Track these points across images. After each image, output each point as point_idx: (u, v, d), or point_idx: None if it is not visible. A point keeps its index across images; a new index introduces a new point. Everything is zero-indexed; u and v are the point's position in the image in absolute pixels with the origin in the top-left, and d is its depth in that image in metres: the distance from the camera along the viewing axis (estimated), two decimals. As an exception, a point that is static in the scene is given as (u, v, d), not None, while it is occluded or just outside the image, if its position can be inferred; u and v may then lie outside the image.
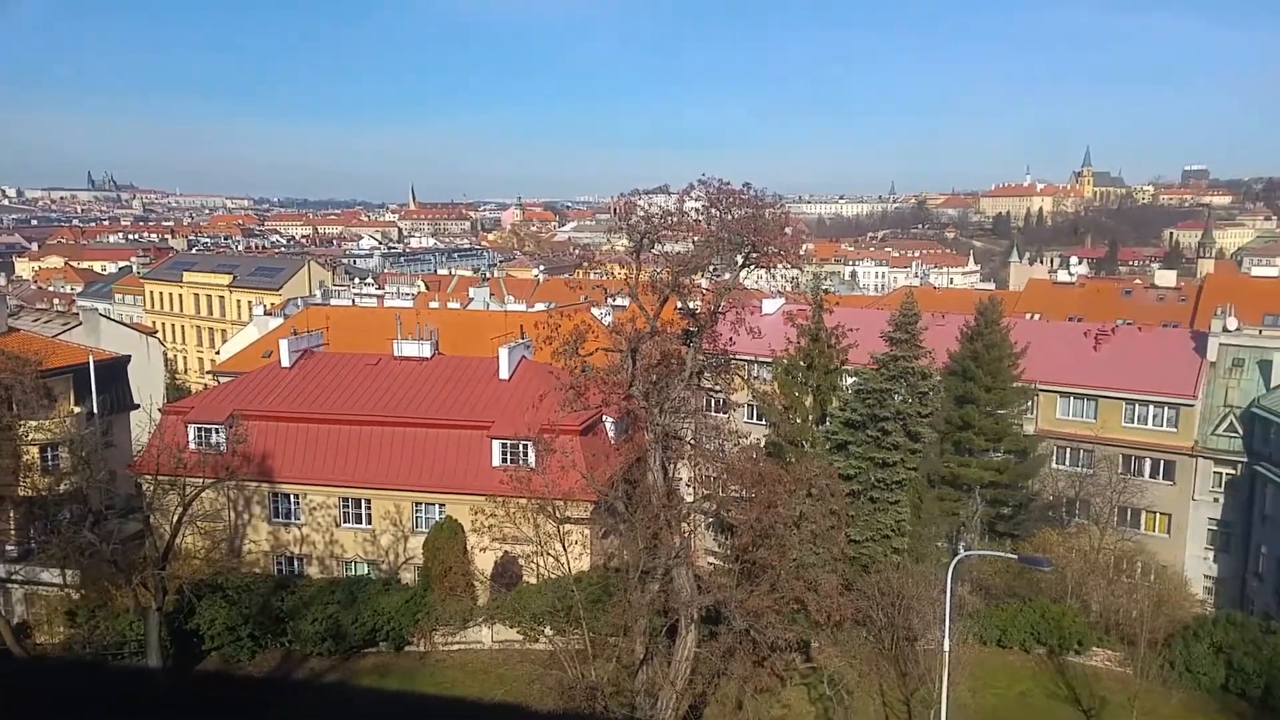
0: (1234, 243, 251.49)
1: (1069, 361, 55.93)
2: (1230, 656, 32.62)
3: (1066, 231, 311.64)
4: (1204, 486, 51.82)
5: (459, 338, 57.41)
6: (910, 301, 43.92)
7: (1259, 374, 51.91)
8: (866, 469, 40.66)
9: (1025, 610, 36.53)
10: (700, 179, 28.27)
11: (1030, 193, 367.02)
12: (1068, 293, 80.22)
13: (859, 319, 51.65)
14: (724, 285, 28.63)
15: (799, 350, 47.48)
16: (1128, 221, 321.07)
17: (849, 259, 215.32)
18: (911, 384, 41.63)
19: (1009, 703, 32.73)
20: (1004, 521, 47.25)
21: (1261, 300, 68.68)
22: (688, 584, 28.67)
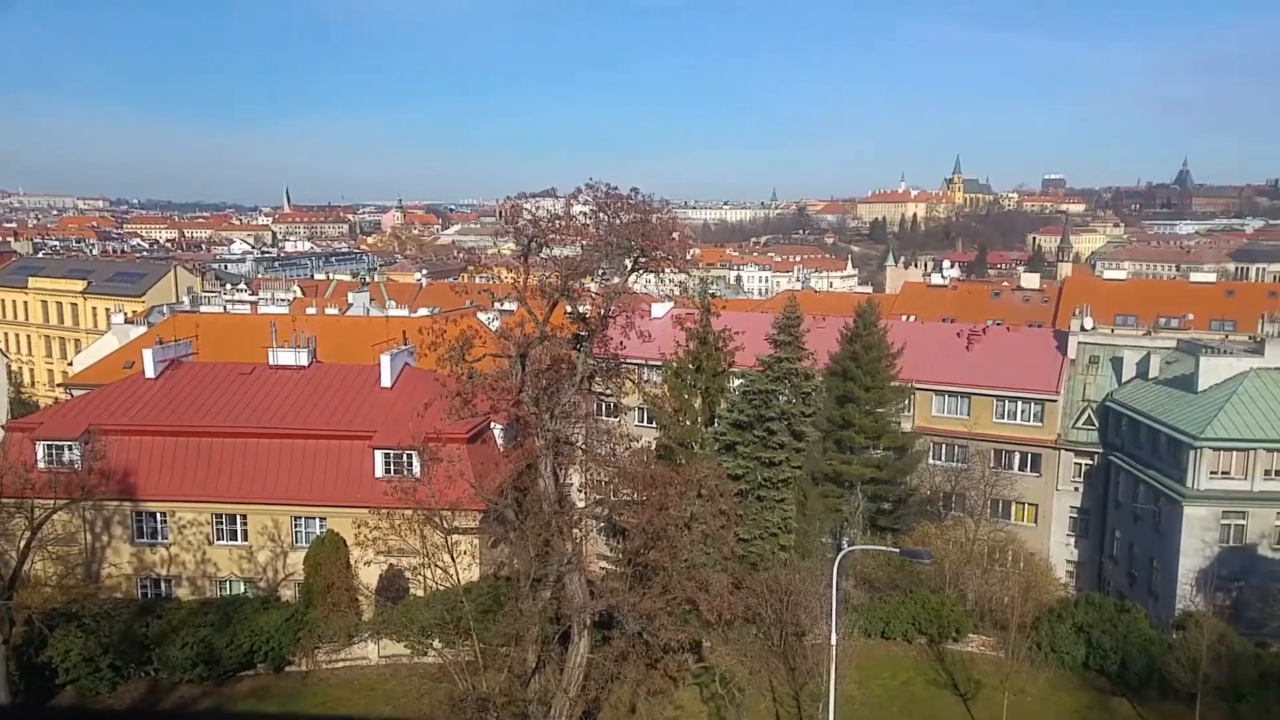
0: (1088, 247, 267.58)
1: (943, 361, 58.37)
2: (1090, 635, 34.60)
3: (939, 236, 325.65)
4: (1066, 477, 54.93)
5: (338, 345, 55.66)
6: (793, 305, 44.96)
7: (1112, 370, 55.39)
8: (754, 468, 41.36)
9: (907, 602, 37.80)
10: (588, 183, 28.19)
11: (905, 199, 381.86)
12: (941, 295, 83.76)
13: (744, 322, 52.54)
14: (613, 289, 28.57)
15: (688, 353, 47.95)
16: (995, 227, 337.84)
17: (734, 263, 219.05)
18: (795, 385, 42.59)
19: (893, 692, 33.79)
20: (885, 516, 48.91)
21: (1113, 301, 73.33)
22: (580, 590, 28.48)
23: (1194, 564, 44.30)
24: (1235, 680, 31.51)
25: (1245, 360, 48.30)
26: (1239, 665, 31.71)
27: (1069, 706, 32.55)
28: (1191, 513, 44.67)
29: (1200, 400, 47.09)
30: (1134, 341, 57.57)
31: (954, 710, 32.49)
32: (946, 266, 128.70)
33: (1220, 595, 43.52)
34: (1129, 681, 33.40)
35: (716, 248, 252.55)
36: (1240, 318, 66.11)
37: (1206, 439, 44.34)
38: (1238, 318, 66.47)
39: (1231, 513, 44.82)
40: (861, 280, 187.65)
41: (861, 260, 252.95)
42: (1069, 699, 32.96)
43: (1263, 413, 45.34)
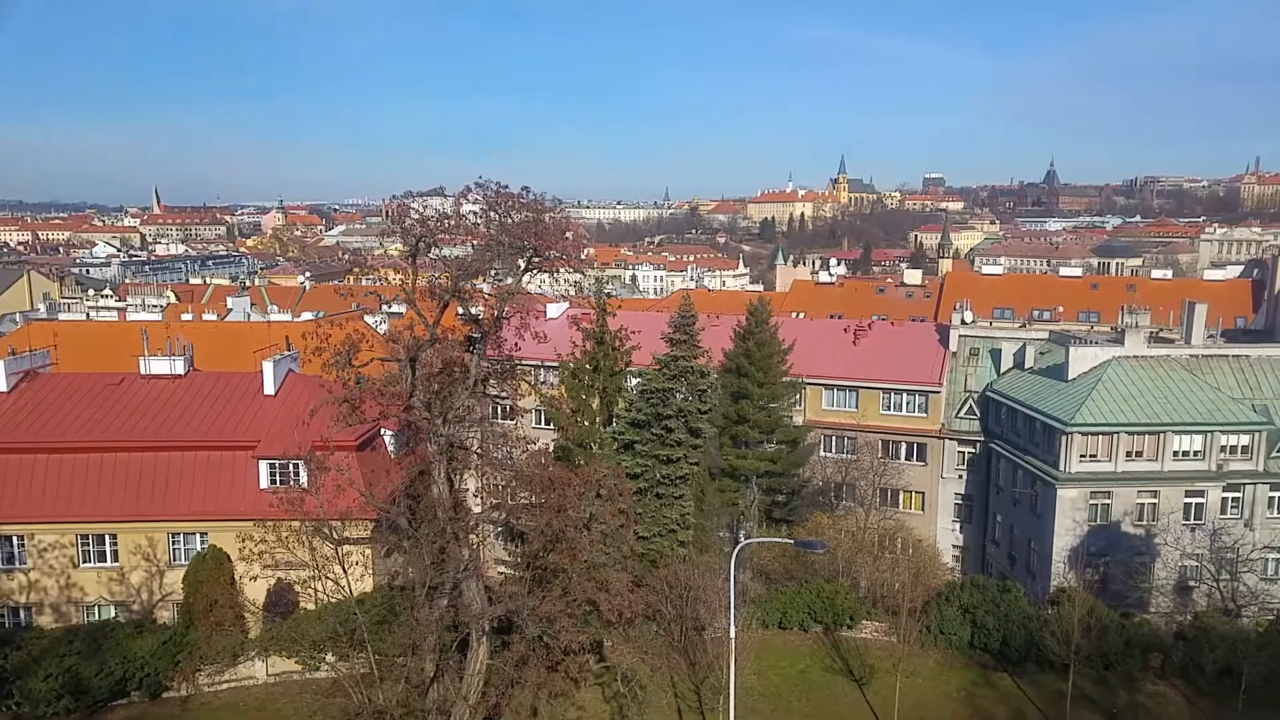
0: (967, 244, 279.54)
1: (832, 356, 59.96)
2: (975, 616, 36.08)
3: (826, 235, 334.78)
4: (950, 465, 57.14)
5: (217, 352, 53.40)
6: (687, 304, 45.33)
7: (991, 361, 57.92)
8: (652, 466, 41.55)
9: (802, 592, 38.63)
10: (477, 181, 27.79)
11: (793, 199, 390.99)
12: (829, 292, 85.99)
13: (640, 321, 52.81)
14: (506, 290, 28.23)
15: (584, 353, 47.81)
16: (879, 225, 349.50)
17: (629, 263, 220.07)
18: (691, 382, 42.97)
19: (791, 681, 34.46)
20: (780, 508, 49.88)
21: (991, 295, 76.77)
22: (478, 596, 28.05)
23: (1067, 543, 46.71)
24: (1103, 649, 33.40)
25: (1109, 350, 51.19)
26: (1106, 635, 33.61)
27: (956, 685, 33.85)
28: (1064, 494, 47.07)
29: (1070, 388, 49.69)
30: (1010, 334, 60.32)
31: (850, 696, 33.35)
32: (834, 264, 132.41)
33: (1089, 571, 46.04)
34: (1010, 657, 34.97)
35: (611, 247, 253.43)
36: (1103, 310, 70.15)
37: (1076, 425, 46.81)
38: (1101, 309, 70.50)
39: (1099, 493, 47.44)
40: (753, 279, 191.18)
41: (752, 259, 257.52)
42: (956, 678, 34.29)
43: (1124, 398, 48.16)
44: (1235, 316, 64.13)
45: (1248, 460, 47.86)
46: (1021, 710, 32.27)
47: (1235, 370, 52.32)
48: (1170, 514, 46.79)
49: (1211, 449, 47.47)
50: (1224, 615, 38.46)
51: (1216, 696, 32.21)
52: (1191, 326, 54.21)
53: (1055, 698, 31.92)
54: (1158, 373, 49.88)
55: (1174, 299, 61.64)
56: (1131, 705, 32.45)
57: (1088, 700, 32.24)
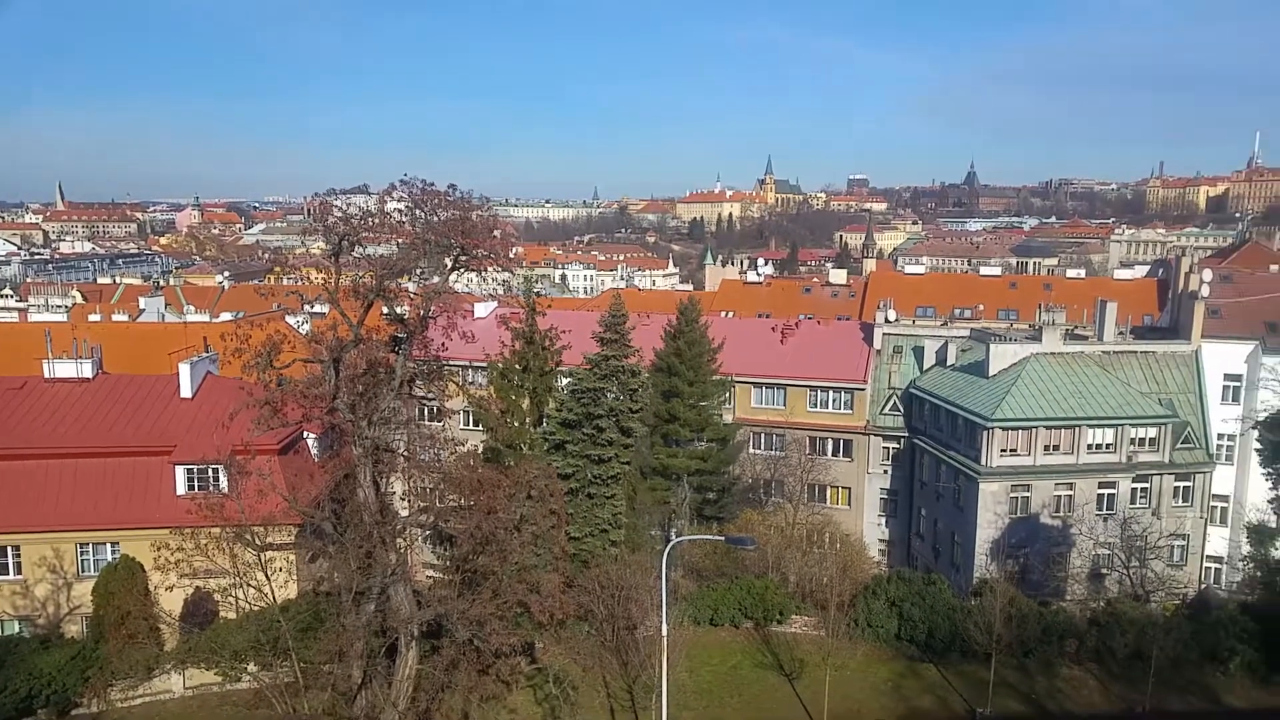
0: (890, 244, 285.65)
1: (760, 354, 60.60)
2: (901, 609, 36.81)
3: (754, 235, 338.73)
4: (876, 460, 58.27)
5: (129, 354, 51.42)
6: (618, 303, 45.26)
7: (914, 359, 59.23)
8: (583, 466, 41.40)
9: (733, 588, 38.90)
10: (402, 179, 27.28)
11: (721, 199, 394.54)
12: (757, 291, 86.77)
13: (571, 321, 52.58)
14: (433, 289, 27.77)
15: (514, 353, 47.41)
16: (805, 225, 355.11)
17: (558, 262, 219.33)
18: (622, 382, 42.93)
19: (722, 677, 34.67)
20: (710, 506, 50.20)
21: (914, 294, 78.39)
22: (406, 600, 27.54)
23: (988, 535, 48.04)
24: (1023, 637, 34.41)
25: (1027, 347, 52.80)
26: (1026, 624, 34.65)
27: (884, 676, 34.47)
28: (985, 488, 48.40)
29: (991, 385, 51.10)
30: (933, 332, 61.75)
31: (780, 690, 33.70)
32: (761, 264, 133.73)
33: (1010, 562, 47.34)
34: (935, 648, 35.77)
35: (540, 246, 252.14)
36: (1022, 308, 72.23)
37: (997, 420, 48.15)
38: (1020, 308, 72.59)
39: (1018, 486, 48.92)
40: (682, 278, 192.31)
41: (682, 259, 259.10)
42: (884, 669, 34.92)
43: (1042, 394, 49.73)
44: (1143, 314, 66.73)
45: (1155, 452, 49.89)
46: (946, 699, 33.02)
47: (1143, 366, 54.50)
48: (1085, 505, 48.52)
49: (1122, 442, 49.35)
50: (1134, 601, 39.96)
51: (1127, 679, 33.44)
52: (1103, 324, 56.26)
53: (978, 685, 32.75)
54: (1073, 369, 51.63)
55: (1087, 297, 63.81)
56: (1050, 690, 33.48)
57: (1008, 687, 33.17)
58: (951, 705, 32.64)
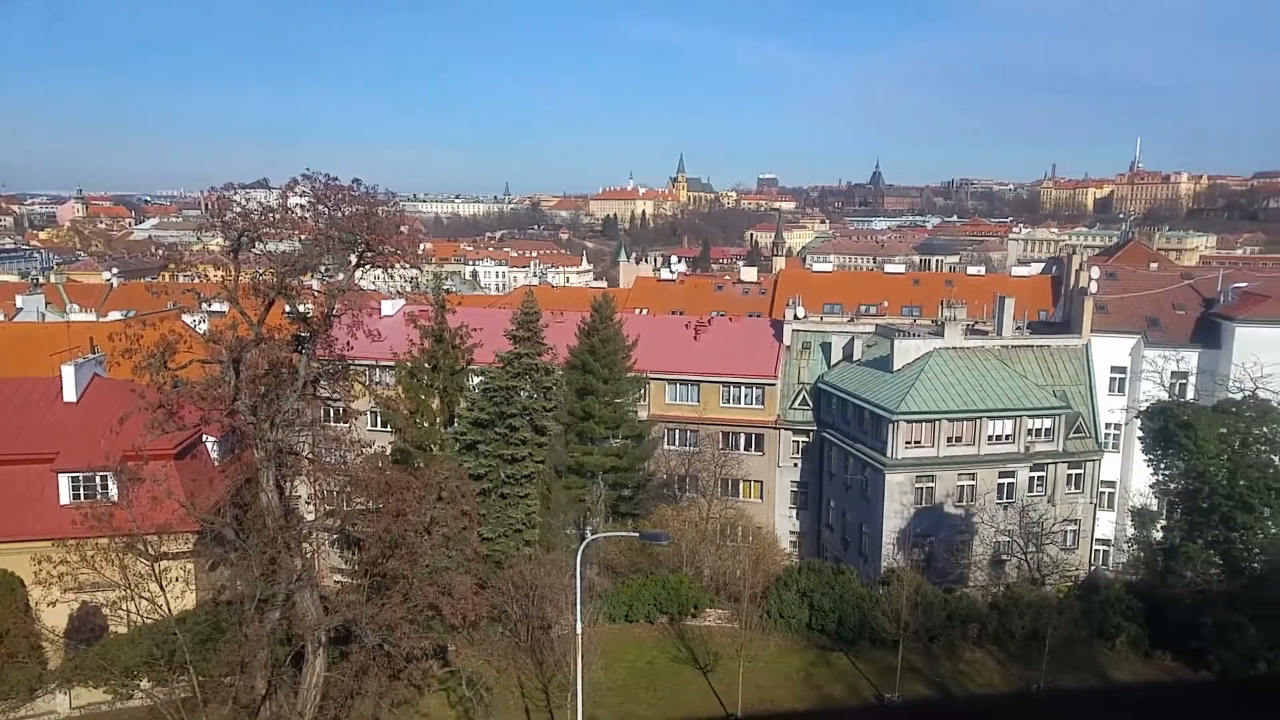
0: (799, 242, 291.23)
1: (674, 351, 61.02)
2: (812, 599, 37.54)
3: (667, 233, 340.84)
4: (786, 454, 59.31)
5: (4, 356, 48.68)
6: (530, 300, 44.95)
7: (822, 354, 60.48)
8: (496, 466, 40.97)
9: (648, 584, 39.05)
10: (305, 173, 26.54)
11: (634, 196, 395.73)
12: (670, 289, 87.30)
13: (482, 318, 52.02)
14: (337, 286, 27.09)
15: (423, 352, 46.63)
16: (717, 224, 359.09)
17: (469, 259, 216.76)
18: (536, 380, 42.65)
19: (638, 672, 34.76)
20: (626, 503, 50.34)
21: (822, 291, 79.97)
22: (313, 606, 26.83)
23: (895, 525, 49.38)
24: (928, 624, 35.47)
25: (930, 342, 54.46)
26: (931, 611, 35.72)
27: (796, 666, 35.08)
28: (892, 479, 49.75)
29: (895, 379, 52.51)
30: (840, 328, 63.16)
31: (696, 684, 33.97)
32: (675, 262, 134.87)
33: (916, 551, 48.77)
34: (845, 636, 36.58)
35: (451, 242, 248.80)
36: (925, 304, 74.36)
37: (902, 413, 49.53)
38: (923, 304, 74.71)
39: (923, 477, 50.43)
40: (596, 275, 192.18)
41: (596, 256, 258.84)
42: (796, 659, 35.54)
43: (945, 387, 51.36)
44: (1038, 310, 69.51)
45: (1050, 442, 52.09)
46: (856, 686, 33.79)
47: (1039, 359, 56.83)
48: (986, 494, 50.32)
49: (1020, 433, 51.36)
50: (1031, 584, 41.60)
51: (1024, 658, 34.78)
52: (1002, 320, 58.45)
53: (887, 672, 33.60)
54: (973, 363, 53.46)
55: (987, 294, 66.13)
56: (953, 673, 34.60)
57: (915, 671, 34.13)
58: (861, 692, 33.42)
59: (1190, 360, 56.55)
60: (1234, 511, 34.72)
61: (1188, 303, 60.99)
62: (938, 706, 32.54)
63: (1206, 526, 35.54)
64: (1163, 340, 58.06)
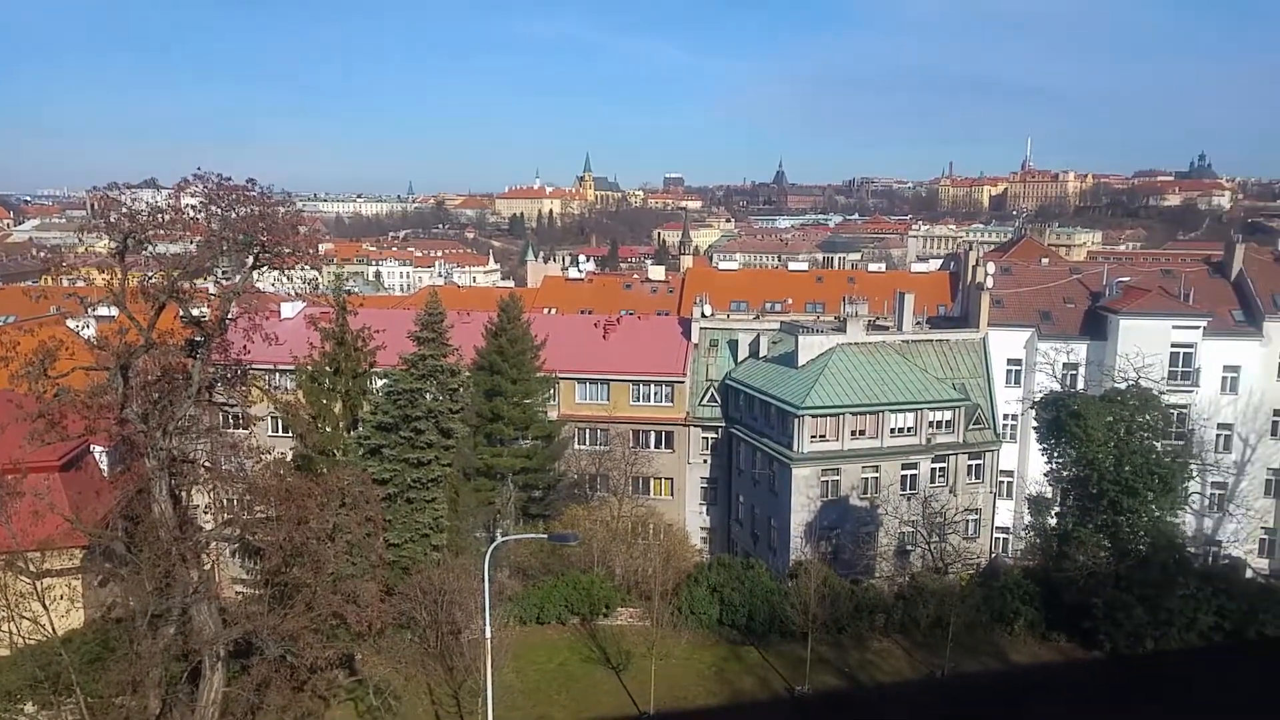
0: (706, 240, 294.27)
1: (583, 350, 60.85)
2: (723, 594, 37.96)
3: (574, 231, 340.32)
4: (696, 451, 59.83)
5: None
6: (434, 301, 44.18)
7: (729, 351, 61.22)
8: (402, 470, 40.14)
9: (559, 585, 38.85)
10: (195, 173, 25.51)
11: (541, 195, 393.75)
12: (578, 288, 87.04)
13: (386, 320, 50.87)
14: (232, 289, 26.12)
15: (324, 355, 45.40)
16: (624, 222, 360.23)
17: (372, 259, 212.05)
18: (441, 382, 41.95)
19: (550, 674, 34.57)
20: (536, 504, 50.01)
21: (728, 289, 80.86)
22: (210, 620, 25.79)
23: (802, 519, 50.36)
24: (836, 615, 36.27)
25: (833, 338, 55.69)
26: (839, 602, 36.54)
27: (708, 662, 35.40)
28: (798, 473, 50.68)
29: (800, 374, 53.51)
30: (746, 325, 64.02)
31: (608, 683, 33.95)
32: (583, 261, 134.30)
33: (824, 543, 50.01)
34: (756, 630, 37.10)
35: (353, 243, 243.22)
36: (828, 301, 75.92)
37: (807, 408, 50.49)
38: (826, 301, 76.26)
39: (829, 470, 51.53)
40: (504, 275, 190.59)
41: (503, 255, 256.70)
42: (707, 655, 35.87)
43: (848, 382, 52.59)
44: (937, 304, 71.76)
45: (950, 433, 53.85)
46: (767, 679, 34.29)
47: (938, 353, 58.67)
48: (890, 486, 51.70)
49: (921, 425, 52.95)
50: (935, 573, 42.91)
51: (929, 646, 35.90)
52: (902, 315, 60.13)
53: (797, 664, 34.20)
54: (875, 357, 54.88)
55: (887, 290, 67.87)
56: (862, 663, 35.45)
57: (824, 663, 34.84)
58: (772, 685, 33.93)
59: (1080, 352, 59.17)
60: (1120, 496, 36.38)
61: (1076, 297, 63.84)
62: (847, 696, 33.28)
63: (1096, 511, 37.16)
64: (1054, 333, 60.62)
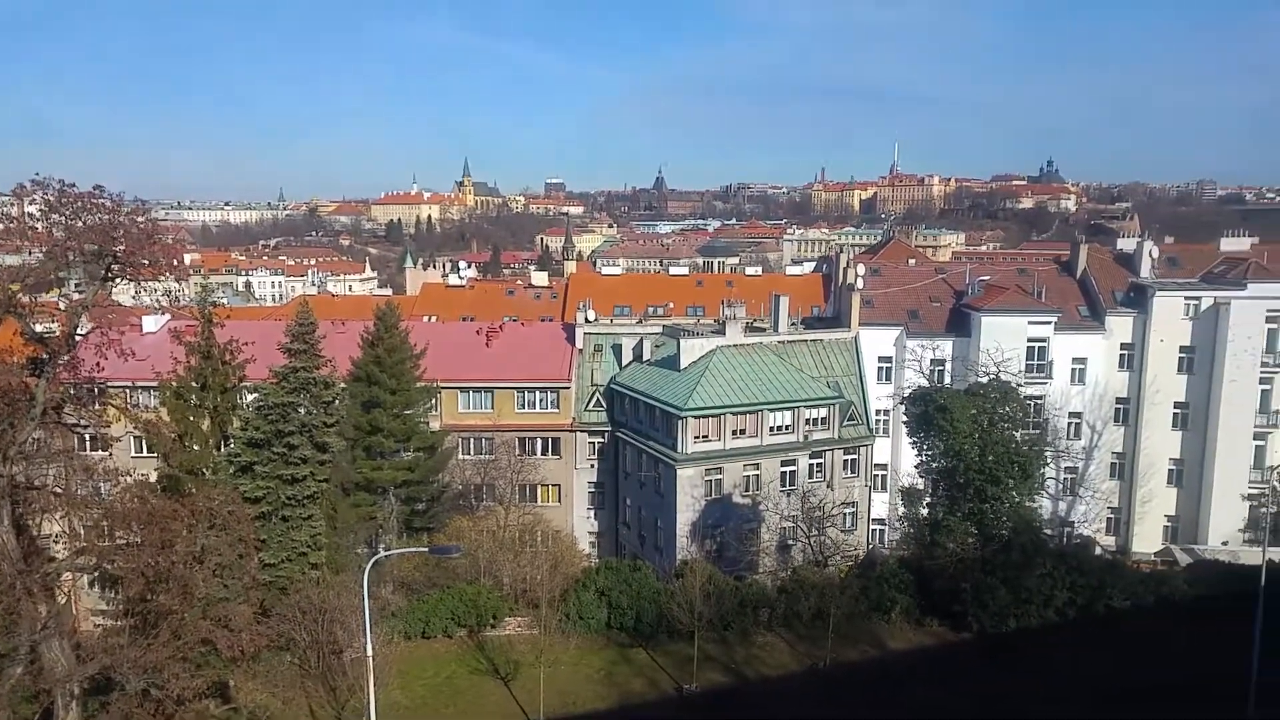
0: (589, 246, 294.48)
1: (465, 358, 60.02)
2: (610, 597, 38.06)
3: (455, 237, 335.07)
4: (583, 456, 59.79)
5: None
6: (305, 310, 42.71)
7: (614, 356, 61.48)
8: (275, 487, 38.66)
9: (445, 598, 38.17)
10: (34, 179, 23.89)
11: (419, 201, 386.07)
12: (459, 295, 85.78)
13: (256, 331, 48.97)
14: (80, 304, 24.61)
15: (190, 370, 43.30)
16: (506, 228, 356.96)
17: (242, 269, 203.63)
18: (315, 394, 40.62)
19: (436, 688, 33.92)
20: (420, 517, 48.99)
21: (611, 294, 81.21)
22: (63, 656, 24.20)
23: (688, 518, 50.99)
24: (722, 612, 36.86)
25: (713, 340, 56.64)
26: (723, 599, 37.15)
27: (597, 666, 35.42)
28: (683, 474, 51.30)
29: (683, 376, 54.21)
30: (629, 329, 64.42)
31: (497, 694, 33.55)
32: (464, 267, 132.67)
33: (709, 542, 50.76)
34: (643, 632, 37.33)
35: (221, 252, 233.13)
36: (708, 304, 77.16)
37: (690, 409, 51.18)
38: (706, 304, 77.50)
39: (712, 470, 52.36)
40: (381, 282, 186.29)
41: (380, 262, 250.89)
42: (596, 659, 35.88)
43: (729, 383, 53.59)
44: (811, 305, 73.93)
45: (826, 430, 55.52)
46: (656, 680, 34.55)
47: (813, 353, 60.45)
48: (770, 483, 52.93)
49: (799, 423, 54.41)
50: (815, 566, 44.17)
51: (811, 638, 36.91)
52: (778, 316, 61.71)
53: (684, 663, 34.57)
54: (754, 358, 56.11)
55: (764, 292, 69.48)
56: (747, 658, 36.13)
57: (711, 660, 35.35)
58: (661, 685, 34.20)
59: (945, 348, 61.98)
60: (985, 485, 38.31)
61: (941, 296, 66.86)
62: (733, 692, 33.84)
63: (963, 500, 38.98)
64: (921, 331, 63.34)
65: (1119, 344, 63.96)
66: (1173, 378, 63.31)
